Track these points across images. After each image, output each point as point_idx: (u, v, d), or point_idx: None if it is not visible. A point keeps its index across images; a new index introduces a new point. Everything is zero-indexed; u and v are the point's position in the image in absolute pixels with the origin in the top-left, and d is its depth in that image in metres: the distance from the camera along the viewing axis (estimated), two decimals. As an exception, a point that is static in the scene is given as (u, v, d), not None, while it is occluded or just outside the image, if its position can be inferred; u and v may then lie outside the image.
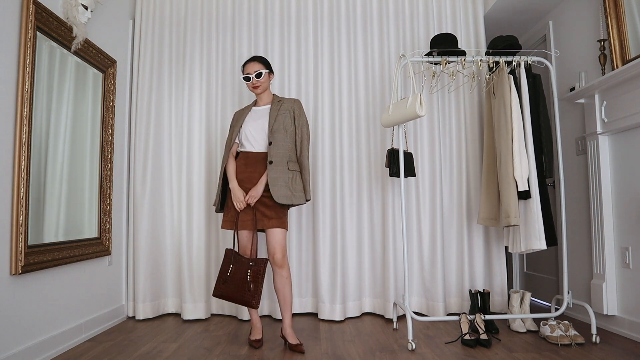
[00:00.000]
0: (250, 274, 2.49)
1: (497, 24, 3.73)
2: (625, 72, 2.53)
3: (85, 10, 2.65)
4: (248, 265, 2.51)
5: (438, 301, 3.20)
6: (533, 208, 2.74)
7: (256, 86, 2.65)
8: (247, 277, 2.48)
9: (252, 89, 2.68)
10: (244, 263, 2.52)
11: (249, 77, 2.64)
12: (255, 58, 2.71)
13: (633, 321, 2.64)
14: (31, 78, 2.24)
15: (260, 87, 2.66)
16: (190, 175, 3.34)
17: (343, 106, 3.39)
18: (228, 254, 2.58)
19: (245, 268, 2.51)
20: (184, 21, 3.46)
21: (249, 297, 2.46)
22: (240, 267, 2.52)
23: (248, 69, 2.67)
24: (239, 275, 2.51)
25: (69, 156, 2.64)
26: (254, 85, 2.65)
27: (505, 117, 2.79)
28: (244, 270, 2.51)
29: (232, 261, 2.55)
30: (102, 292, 2.99)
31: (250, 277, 2.48)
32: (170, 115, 3.40)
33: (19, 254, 2.14)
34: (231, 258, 2.56)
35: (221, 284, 2.54)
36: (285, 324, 2.57)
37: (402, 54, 2.88)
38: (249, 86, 2.68)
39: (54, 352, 2.41)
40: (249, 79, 2.65)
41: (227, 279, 2.53)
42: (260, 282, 2.49)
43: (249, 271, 2.49)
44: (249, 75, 2.64)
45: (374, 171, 3.36)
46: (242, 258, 2.55)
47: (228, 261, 2.57)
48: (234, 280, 2.51)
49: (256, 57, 2.72)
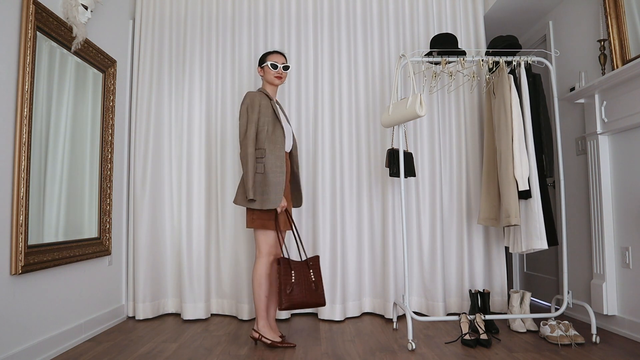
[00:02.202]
0: (313, 273, 2.54)
1: (497, 24, 3.73)
2: (625, 72, 2.53)
3: (85, 10, 2.65)
4: (308, 265, 2.54)
5: (438, 301, 3.20)
6: (534, 207, 2.74)
7: (280, 77, 2.66)
8: (311, 277, 2.52)
9: (274, 79, 2.65)
10: (302, 265, 2.54)
11: (276, 65, 2.64)
12: (281, 52, 2.73)
13: (633, 321, 2.64)
14: (31, 78, 2.24)
15: (282, 79, 2.68)
16: (190, 175, 3.34)
17: (343, 106, 3.39)
18: (285, 264, 2.50)
19: (306, 269, 2.53)
20: (184, 21, 3.46)
21: (318, 297, 2.51)
22: (300, 271, 2.52)
23: (276, 58, 2.66)
24: (303, 279, 2.51)
25: (69, 156, 2.64)
26: (279, 75, 2.65)
27: (505, 117, 2.79)
28: (306, 272, 2.53)
29: (291, 268, 2.51)
30: (102, 292, 2.99)
31: (314, 276, 2.53)
32: (170, 115, 3.40)
33: (19, 254, 2.14)
34: (289, 266, 2.51)
35: (287, 294, 2.46)
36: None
37: (402, 54, 2.88)
38: (270, 74, 2.65)
39: (54, 352, 2.41)
40: (277, 67, 2.64)
41: (293, 287, 2.48)
42: (321, 278, 2.56)
43: (311, 271, 2.53)
44: (277, 64, 2.64)
45: (374, 171, 3.36)
46: (296, 262, 2.55)
47: (287, 270, 2.50)
48: (300, 285, 2.50)
49: (280, 52, 2.74)
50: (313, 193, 3.33)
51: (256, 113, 2.55)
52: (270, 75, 2.65)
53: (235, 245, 3.30)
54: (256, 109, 2.55)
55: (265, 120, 2.57)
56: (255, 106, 2.56)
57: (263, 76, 2.69)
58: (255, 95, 2.59)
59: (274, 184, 2.51)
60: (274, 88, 2.71)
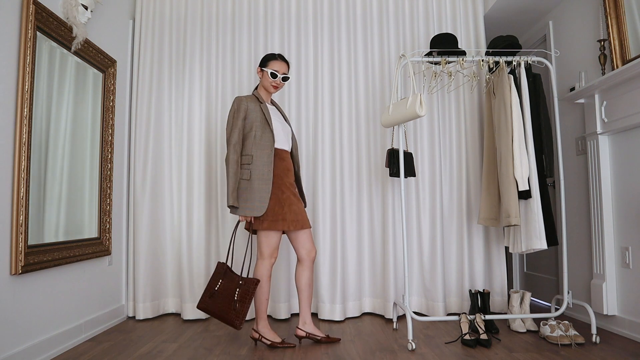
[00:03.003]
0: (239, 293, 2.42)
1: (497, 24, 3.73)
2: (625, 72, 2.53)
3: (85, 10, 2.65)
4: (237, 283, 2.45)
5: (438, 301, 3.20)
6: (534, 208, 2.74)
7: (277, 87, 2.63)
8: (235, 295, 2.42)
9: (270, 87, 2.62)
10: (234, 280, 2.47)
11: (276, 74, 2.60)
12: (285, 59, 2.67)
13: (633, 321, 2.64)
14: (31, 78, 2.24)
15: (278, 89, 2.66)
16: (190, 174, 3.34)
17: (343, 106, 3.39)
18: (220, 267, 2.52)
19: (234, 286, 2.45)
20: (184, 21, 3.47)
21: (233, 317, 2.39)
22: (229, 284, 2.47)
23: (278, 66, 2.61)
24: (226, 292, 2.45)
25: (69, 156, 2.64)
26: (277, 85, 2.62)
27: (505, 117, 2.79)
28: (233, 288, 2.44)
29: (221, 276, 2.50)
30: (102, 292, 2.98)
31: (238, 296, 2.42)
32: (170, 115, 3.40)
33: (19, 254, 2.14)
34: (221, 272, 2.51)
35: (207, 297, 2.48)
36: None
37: (402, 54, 2.88)
38: (269, 82, 2.61)
39: (54, 352, 2.41)
40: (276, 77, 2.60)
41: (214, 293, 2.48)
42: (248, 303, 2.39)
43: (237, 290, 2.43)
44: (277, 74, 2.60)
45: (374, 171, 3.36)
46: (233, 275, 2.50)
47: (218, 275, 2.51)
48: (222, 296, 2.45)
49: (285, 58, 2.68)
50: (313, 193, 3.33)
51: (241, 119, 2.52)
52: (267, 81, 2.62)
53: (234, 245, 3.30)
54: (241, 115, 2.52)
55: (253, 126, 2.52)
56: (240, 112, 2.53)
57: (261, 78, 2.67)
58: (242, 101, 2.55)
59: (259, 190, 2.47)
60: (271, 95, 2.72)
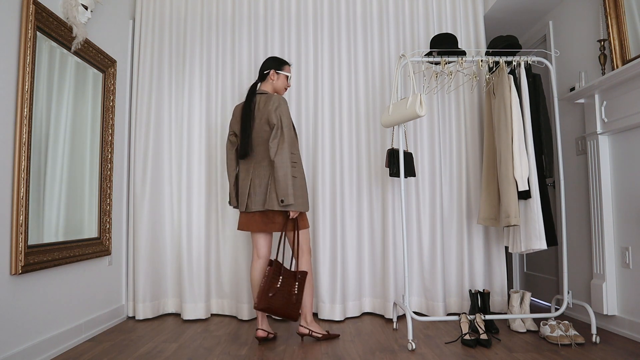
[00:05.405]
0: (298, 287, 2.54)
1: (497, 24, 3.73)
2: (625, 72, 2.53)
3: (85, 10, 2.65)
4: (295, 277, 2.55)
5: (438, 301, 3.20)
6: (533, 208, 2.74)
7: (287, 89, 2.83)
8: (294, 290, 2.52)
9: (283, 89, 2.77)
10: (291, 275, 2.55)
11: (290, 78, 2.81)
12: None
13: (633, 321, 2.64)
14: (31, 78, 2.24)
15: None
16: (190, 175, 3.34)
17: (343, 106, 3.39)
18: (277, 266, 2.54)
19: (293, 281, 2.54)
20: (184, 21, 3.47)
21: (294, 310, 2.51)
22: (287, 280, 2.54)
23: (289, 71, 2.79)
24: (287, 289, 2.52)
25: (69, 156, 2.64)
26: (287, 87, 2.79)
27: (505, 117, 2.79)
28: (292, 284, 2.54)
29: (280, 273, 2.54)
30: (102, 292, 2.99)
31: (297, 290, 2.53)
32: (170, 115, 3.40)
33: (19, 254, 2.14)
34: (279, 270, 2.54)
35: (267, 296, 2.48)
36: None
37: (402, 54, 2.88)
38: (284, 85, 2.76)
39: (54, 352, 2.41)
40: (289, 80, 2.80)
41: (276, 292, 2.50)
42: (302, 294, 2.55)
43: (297, 284, 2.54)
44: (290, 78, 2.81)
45: (374, 171, 3.36)
46: (287, 270, 2.56)
47: (276, 273, 2.53)
48: (282, 293, 2.51)
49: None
50: (313, 193, 3.33)
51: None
52: (283, 84, 2.75)
53: (235, 245, 3.30)
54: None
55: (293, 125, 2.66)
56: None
57: (274, 81, 2.72)
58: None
59: (304, 188, 2.63)
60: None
